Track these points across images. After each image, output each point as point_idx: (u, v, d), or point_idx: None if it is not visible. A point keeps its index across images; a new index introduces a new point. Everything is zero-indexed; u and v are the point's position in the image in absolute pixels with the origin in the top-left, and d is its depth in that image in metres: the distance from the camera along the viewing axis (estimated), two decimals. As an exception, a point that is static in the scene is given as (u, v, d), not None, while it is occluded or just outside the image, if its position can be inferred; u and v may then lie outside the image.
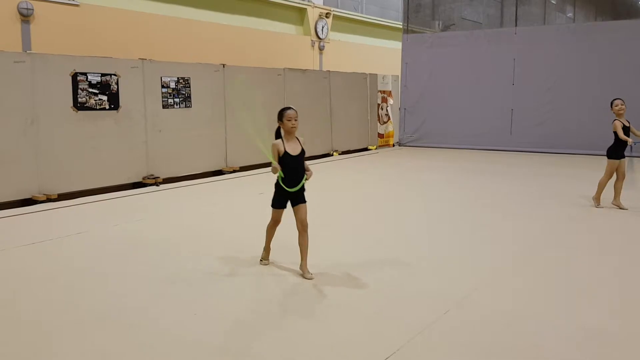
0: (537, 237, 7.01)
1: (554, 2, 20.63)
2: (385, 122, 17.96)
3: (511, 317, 4.45)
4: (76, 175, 9.62)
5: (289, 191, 5.29)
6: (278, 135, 5.41)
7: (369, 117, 17.14)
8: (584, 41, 15.41)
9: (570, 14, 21.70)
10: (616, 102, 8.35)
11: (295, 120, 5.30)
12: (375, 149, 17.17)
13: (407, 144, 18.00)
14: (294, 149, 5.30)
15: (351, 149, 16.24)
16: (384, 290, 5.08)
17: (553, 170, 12.58)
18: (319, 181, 11.25)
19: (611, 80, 14.82)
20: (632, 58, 14.71)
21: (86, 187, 9.72)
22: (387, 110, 17.99)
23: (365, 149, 16.83)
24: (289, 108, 5.37)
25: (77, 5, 14.02)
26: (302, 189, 5.36)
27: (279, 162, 5.24)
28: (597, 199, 8.50)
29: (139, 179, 10.57)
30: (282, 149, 5.24)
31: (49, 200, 9.06)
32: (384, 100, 17.85)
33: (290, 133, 5.31)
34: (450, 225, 7.61)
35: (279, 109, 5.47)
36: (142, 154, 10.63)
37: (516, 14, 17.37)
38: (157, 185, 10.56)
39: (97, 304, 4.73)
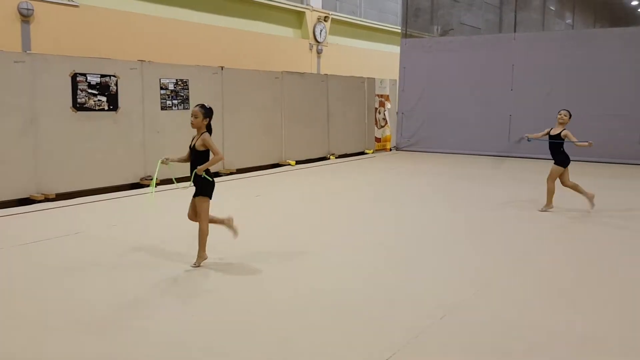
0: (534, 243, 7.05)
1: (553, 8, 20.72)
2: (382, 126, 18.01)
3: (508, 322, 4.49)
4: (74, 175, 9.64)
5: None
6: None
7: (366, 121, 17.19)
8: (583, 47, 15.47)
9: (569, 20, 21.78)
10: (562, 112, 8.68)
11: (195, 117, 5.74)
12: (372, 152, 17.21)
13: (404, 149, 18.04)
14: (192, 142, 5.84)
15: (348, 153, 16.27)
16: (380, 294, 5.12)
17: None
18: (316, 184, 11.35)
19: (610, 87, 14.90)
20: (631, 64, 14.77)
21: (84, 187, 9.74)
22: (384, 114, 18.04)
23: (362, 153, 16.87)
24: (196, 106, 5.85)
25: (76, 6, 14.04)
26: (197, 182, 5.76)
27: None
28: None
29: (136, 180, 10.59)
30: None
31: (47, 199, 9.09)
32: (382, 104, 17.90)
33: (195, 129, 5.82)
34: (447, 230, 7.65)
35: (273, 112, 5.66)
36: (140, 155, 10.66)
37: (515, 20, 17.45)
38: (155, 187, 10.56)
39: (94, 304, 4.75)
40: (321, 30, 22.56)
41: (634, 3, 19.63)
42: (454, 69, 17.24)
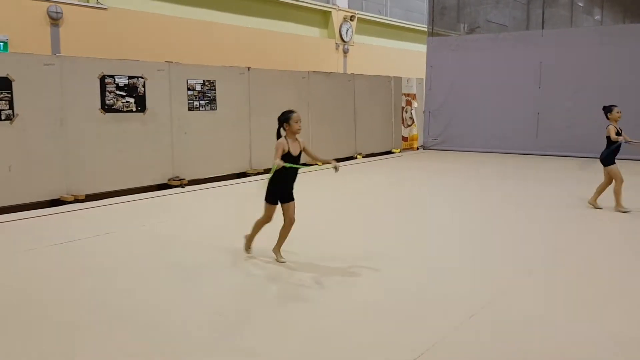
0: (563, 242, 6.93)
1: (581, 4, 20.36)
2: (409, 125, 17.90)
3: (538, 321, 4.41)
4: (103, 176, 9.75)
5: (287, 172, 5.62)
6: (278, 135, 5.83)
7: (393, 120, 17.09)
8: (612, 44, 15.17)
9: (597, 17, 21.40)
10: (617, 108, 8.61)
11: (301, 122, 5.80)
12: (399, 152, 17.11)
13: (431, 147, 17.90)
14: (295, 150, 5.75)
15: (375, 152, 16.20)
16: (409, 293, 5.08)
17: (579, 174, 12.42)
18: (345, 183, 11.30)
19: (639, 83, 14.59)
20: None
21: (113, 188, 9.84)
22: (411, 113, 17.93)
23: (389, 152, 16.79)
24: (294, 111, 5.82)
25: (105, 9, 14.22)
26: (292, 187, 5.82)
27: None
28: (619, 205, 8.48)
29: (164, 181, 10.67)
30: (286, 148, 5.67)
31: (77, 201, 9.20)
32: (408, 103, 17.79)
33: (296, 134, 5.78)
34: (476, 229, 7.56)
35: (299, 112, 5.90)
36: (167, 156, 10.74)
37: (543, 17, 17.19)
38: (183, 187, 10.66)
39: (124, 304, 4.79)
40: (347, 30, 22.51)
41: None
42: (481, 67, 17.05)
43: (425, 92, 18.25)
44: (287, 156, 5.64)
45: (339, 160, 6.00)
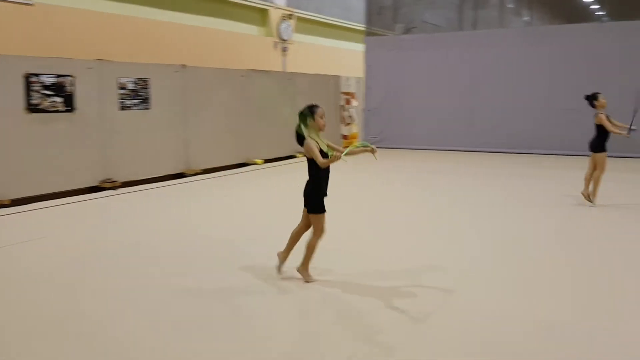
0: (517, 236, 7.01)
1: (510, 5, 20.92)
2: (349, 124, 17.91)
3: (497, 316, 4.44)
4: (30, 179, 9.27)
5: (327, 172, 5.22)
6: (299, 134, 5.31)
7: (333, 119, 17.05)
8: (540, 44, 15.72)
9: (526, 18, 22.06)
10: (602, 95, 8.32)
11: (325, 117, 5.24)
12: (339, 150, 17.08)
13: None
14: (324, 147, 5.21)
15: (315, 151, 16.11)
16: (374, 287, 5.05)
17: (518, 170, 12.69)
18: (285, 182, 11.14)
19: (566, 82, 15.10)
20: (586, 60, 15.02)
21: (41, 192, 9.36)
22: (350, 112, 17.94)
23: (329, 151, 16.73)
24: (318, 106, 5.27)
25: (31, 4, 13.57)
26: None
27: (313, 163, 5.14)
28: (594, 195, 8.46)
29: (96, 183, 10.25)
30: (319, 146, 5.14)
31: (2, 206, 8.72)
32: (348, 102, 17.81)
33: (320, 131, 5.23)
34: (428, 226, 7.61)
35: (238, 110, 5.44)
36: (98, 157, 10.32)
37: (474, 18, 17.57)
38: (115, 189, 10.26)
39: (55, 313, 4.54)
40: (286, 28, 22.35)
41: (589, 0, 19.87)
42: (418, 66, 17.32)
43: (364, 90, 18.36)
44: (321, 154, 5.10)
45: (280, 159, 5.69)
